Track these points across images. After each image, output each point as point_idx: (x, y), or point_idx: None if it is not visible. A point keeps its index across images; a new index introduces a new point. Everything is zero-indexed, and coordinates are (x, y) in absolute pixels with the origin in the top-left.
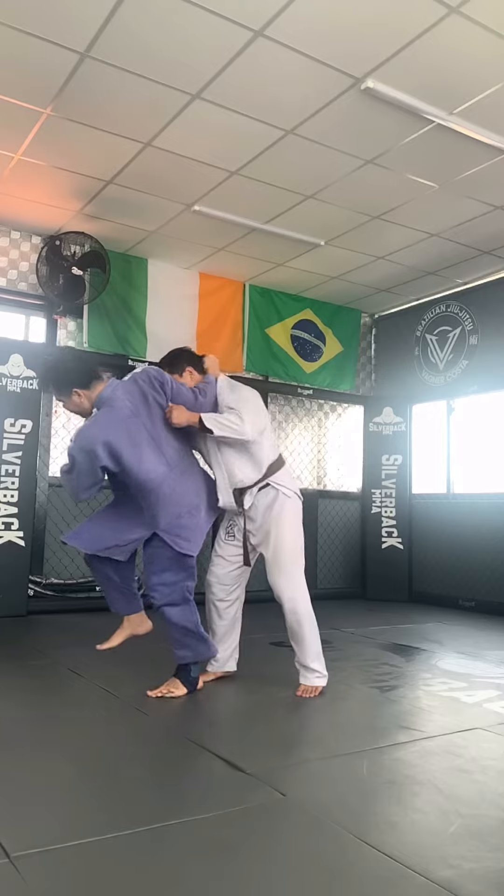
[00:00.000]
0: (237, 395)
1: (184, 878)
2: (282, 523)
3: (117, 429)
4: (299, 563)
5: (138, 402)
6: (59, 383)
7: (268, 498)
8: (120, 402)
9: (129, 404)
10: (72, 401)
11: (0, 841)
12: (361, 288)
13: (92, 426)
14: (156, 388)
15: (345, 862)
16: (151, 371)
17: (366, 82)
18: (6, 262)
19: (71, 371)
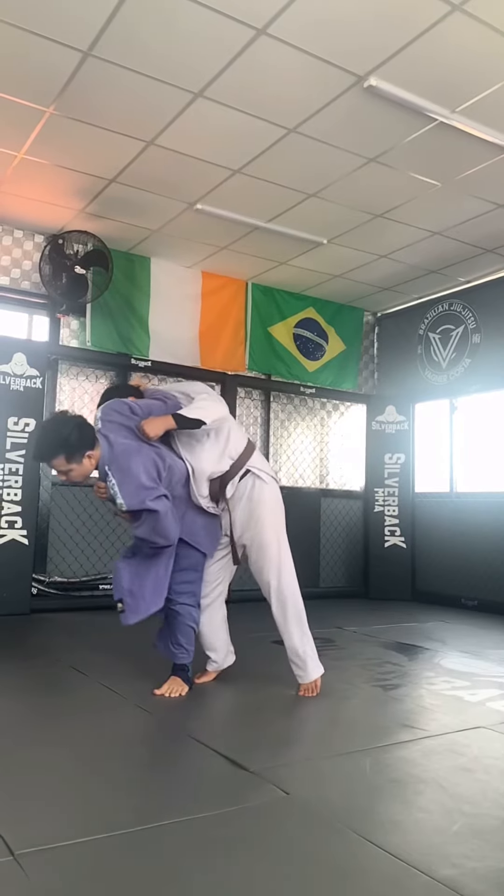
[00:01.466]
0: (185, 386)
1: (187, 876)
2: (263, 508)
3: (149, 460)
4: (284, 546)
5: (130, 434)
6: (72, 451)
7: (247, 485)
8: (124, 442)
9: (130, 440)
10: (83, 465)
11: (4, 838)
12: (364, 286)
13: (134, 477)
14: (128, 416)
15: (348, 860)
16: (113, 405)
17: (368, 80)
18: (9, 261)
19: (79, 436)
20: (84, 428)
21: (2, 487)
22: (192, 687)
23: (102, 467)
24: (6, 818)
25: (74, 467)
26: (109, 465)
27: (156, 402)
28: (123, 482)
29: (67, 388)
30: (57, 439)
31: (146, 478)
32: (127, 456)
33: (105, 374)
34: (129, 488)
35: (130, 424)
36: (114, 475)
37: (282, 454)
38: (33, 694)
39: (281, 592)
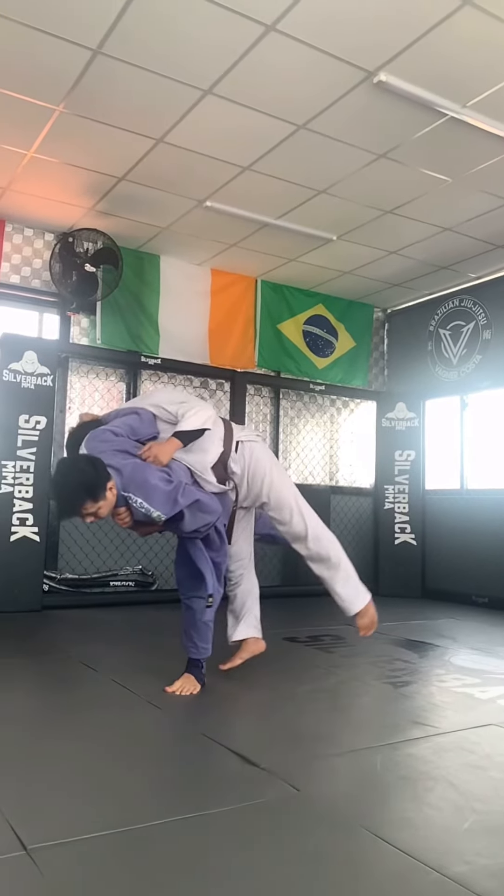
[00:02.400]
0: (148, 398)
1: (198, 872)
2: (263, 465)
3: (156, 469)
4: (298, 494)
5: (126, 455)
6: (94, 489)
7: (244, 453)
8: (128, 462)
9: (131, 459)
10: (108, 499)
11: (17, 833)
12: (374, 283)
13: (156, 487)
14: (115, 440)
15: (359, 857)
16: (95, 437)
17: (378, 76)
18: (20, 260)
19: (95, 472)
20: (95, 462)
21: (13, 485)
22: (204, 685)
23: (119, 494)
24: (19, 813)
25: (102, 504)
26: (127, 489)
27: (131, 417)
28: (150, 496)
29: (78, 386)
30: (77, 485)
31: (165, 483)
32: (139, 472)
33: (115, 371)
34: (158, 498)
35: (122, 448)
36: (136, 494)
37: (291, 451)
38: (45, 690)
39: (319, 536)
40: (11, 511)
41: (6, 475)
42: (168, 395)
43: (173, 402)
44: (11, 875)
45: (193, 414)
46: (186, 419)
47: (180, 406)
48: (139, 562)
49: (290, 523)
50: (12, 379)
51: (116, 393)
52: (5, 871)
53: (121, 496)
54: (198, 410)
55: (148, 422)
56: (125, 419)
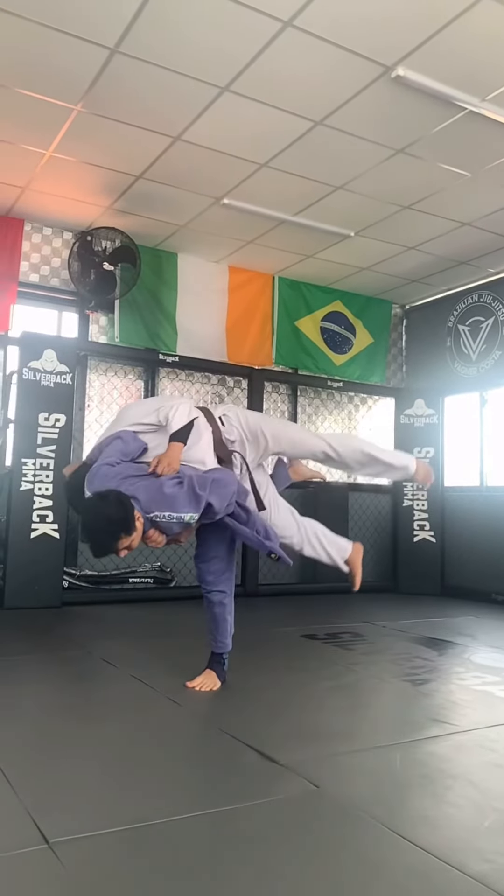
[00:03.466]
0: (123, 419)
1: (218, 867)
2: (252, 420)
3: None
4: (301, 427)
5: (134, 479)
6: (125, 524)
7: (231, 423)
8: (140, 485)
9: (141, 481)
10: (138, 529)
11: (39, 827)
12: (392, 279)
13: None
14: (117, 471)
15: (379, 854)
16: (97, 474)
17: (396, 70)
18: (39, 259)
19: (121, 507)
20: (119, 496)
21: (33, 482)
22: (224, 681)
23: (145, 519)
24: (41, 807)
25: (134, 535)
26: (150, 510)
27: (115, 444)
28: (173, 505)
29: (97, 384)
30: (109, 524)
31: (178, 487)
32: (153, 489)
33: (133, 369)
34: (182, 502)
35: (126, 474)
36: (160, 510)
37: None
38: (65, 686)
39: (353, 446)
40: (32, 508)
41: (26, 473)
42: (139, 408)
43: (149, 413)
44: (34, 868)
45: (176, 412)
46: (174, 419)
47: (158, 412)
48: (158, 559)
49: (314, 449)
50: (32, 377)
51: (135, 391)
52: (28, 863)
53: (146, 520)
54: (178, 407)
55: (132, 440)
56: (111, 448)
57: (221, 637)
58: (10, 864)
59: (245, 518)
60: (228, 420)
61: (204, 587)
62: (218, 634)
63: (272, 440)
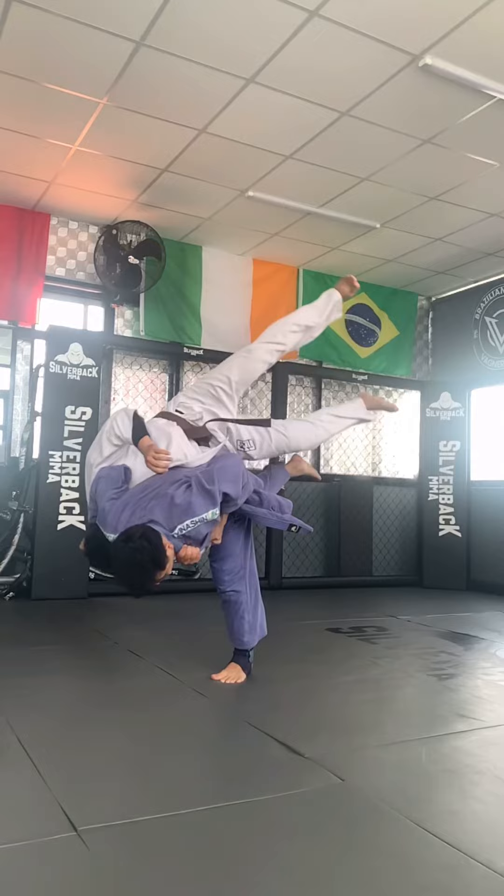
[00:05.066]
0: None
1: (244, 858)
2: (203, 385)
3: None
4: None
5: (147, 501)
6: (158, 557)
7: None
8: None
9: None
10: (169, 557)
11: (68, 815)
12: (418, 270)
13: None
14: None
15: (405, 848)
16: (106, 518)
17: (423, 59)
18: (65, 253)
19: (150, 543)
20: (145, 533)
21: (60, 475)
22: (250, 674)
23: (173, 540)
24: (69, 795)
25: (167, 565)
26: (172, 527)
27: (101, 483)
28: (192, 509)
29: (122, 378)
30: (142, 565)
31: (188, 490)
32: (168, 504)
33: (158, 362)
34: (198, 504)
35: (131, 502)
36: (181, 520)
37: (333, 442)
38: (92, 676)
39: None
40: (59, 500)
41: (53, 465)
42: (93, 449)
43: (101, 445)
44: (63, 854)
45: (117, 423)
46: (121, 429)
47: (108, 437)
48: None
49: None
50: (58, 371)
51: (160, 384)
52: (57, 850)
53: (175, 541)
54: (115, 418)
55: (109, 470)
56: (100, 489)
57: (239, 636)
58: (40, 851)
59: (258, 500)
60: (185, 405)
61: (219, 587)
62: (237, 633)
63: (227, 373)
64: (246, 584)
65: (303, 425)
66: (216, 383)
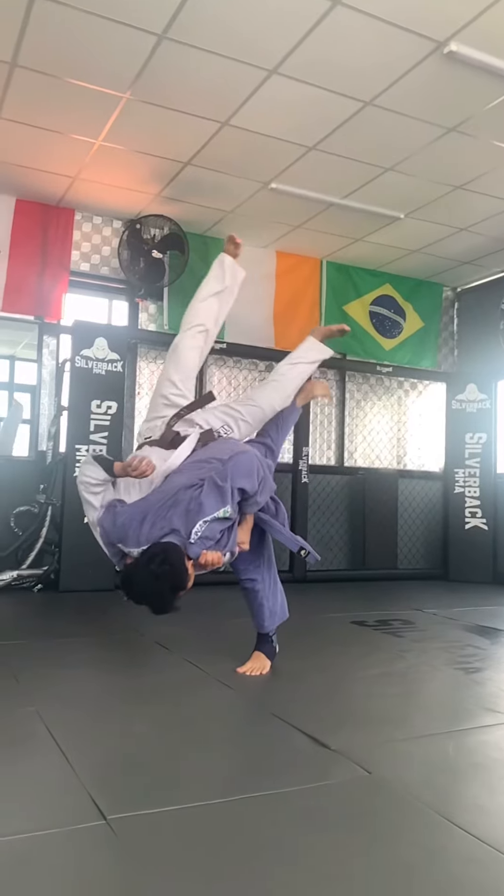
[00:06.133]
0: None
1: (271, 848)
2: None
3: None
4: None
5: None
6: (180, 577)
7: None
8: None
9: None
10: (189, 569)
11: (97, 804)
12: (443, 261)
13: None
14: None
15: (432, 841)
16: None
17: (448, 46)
18: (89, 248)
19: (172, 563)
20: (169, 553)
21: None
22: (276, 656)
23: (191, 548)
24: (98, 785)
25: (188, 584)
26: (189, 533)
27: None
28: (203, 509)
29: (146, 372)
30: (162, 592)
31: (198, 491)
32: (184, 511)
33: None
34: (210, 504)
35: (148, 511)
36: (197, 521)
37: (357, 435)
38: (120, 668)
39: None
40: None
41: (79, 459)
42: (88, 508)
43: (93, 496)
44: (92, 841)
45: (89, 473)
46: (97, 475)
47: (89, 489)
48: None
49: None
50: (84, 365)
51: None
52: (86, 837)
53: (193, 547)
54: (84, 472)
55: (107, 514)
56: (107, 527)
57: (260, 621)
58: (70, 837)
59: (274, 510)
60: (147, 430)
61: (237, 576)
62: (257, 619)
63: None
64: (263, 572)
65: (268, 387)
66: (164, 391)
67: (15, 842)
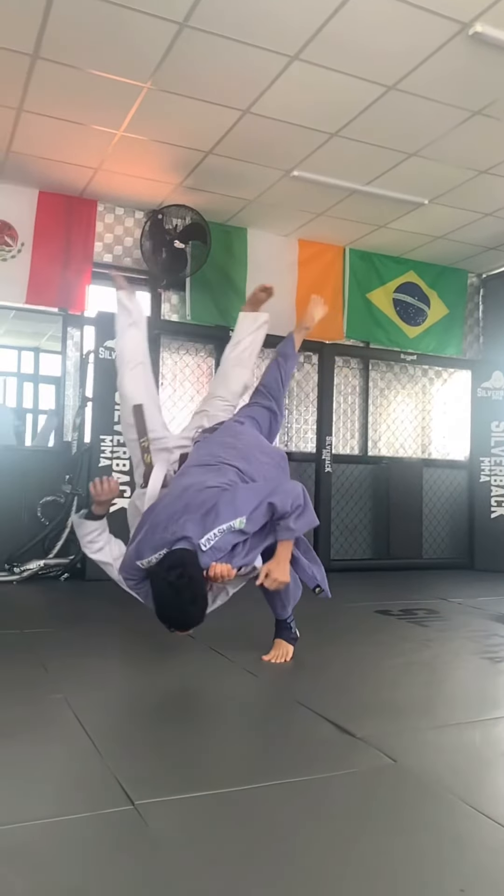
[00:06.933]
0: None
1: (296, 835)
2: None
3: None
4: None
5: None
6: (200, 594)
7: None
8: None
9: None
10: (209, 586)
11: (125, 789)
12: (468, 247)
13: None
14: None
15: (459, 830)
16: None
17: (474, 27)
18: (112, 239)
19: (191, 578)
20: (184, 559)
21: (111, 458)
22: (297, 640)
23: (205, 560)
24: (126, 771)
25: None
26: (202, 545)
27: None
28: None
29: (169, 363)
30: (192, 609)
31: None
32: (205, 515)
33: (204, 346)
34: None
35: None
36: (213, 530)
37: (381, 424)
38: (146, 656)
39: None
40: None
41: (104, 449)
42: (109, 569)
43: (107, 556)
44: (121, 826)
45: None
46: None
47: (90, 546)
48: None
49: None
50: (108, 356)
51: (206, 368)
52: (115, 822)
53: (203, 556)
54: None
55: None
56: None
57: (274, 608)
58: (99, 821)
59: (305, 546)
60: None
61: None
62: (271, 606)
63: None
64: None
65: (229, 375)
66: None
67: (47, 825)
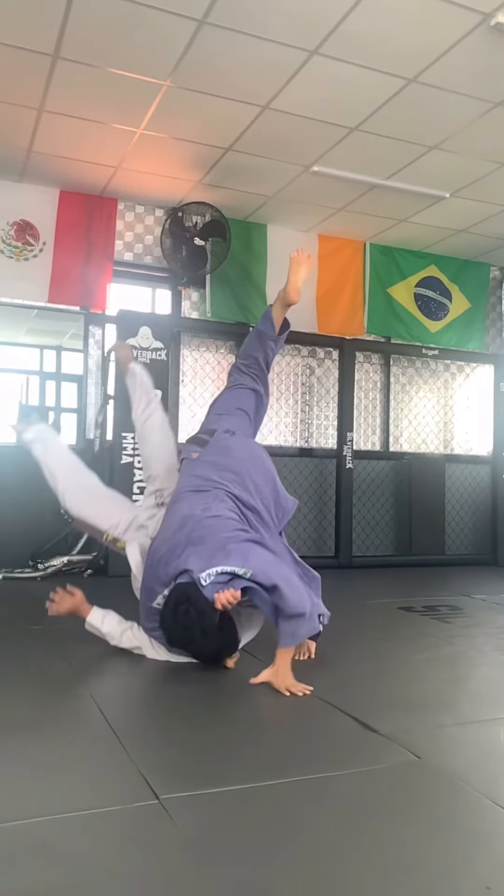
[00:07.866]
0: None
1: (320, 831)
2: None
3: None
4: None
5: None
6: (209, 617)
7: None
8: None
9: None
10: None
11: (151, 784)
12: (490, 240)
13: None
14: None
15: (484, 826)
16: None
17: (496, 17)
18: (132, 237)
19: (200, 610)
20: (189, 594)
21: (133, 455)
22: (320, 634)
23: (208, 593)
24: (150, 766)
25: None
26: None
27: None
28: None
29: (190, 360)
30: (199, 637)
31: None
32: (211, 553)
33: (225, 343)
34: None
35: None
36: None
37: (403, 419)
38: None
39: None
40: (132, 480)
41: (126, 446)
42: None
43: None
44: (146, 820)
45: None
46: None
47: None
48: None
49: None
50: None
51: (226, 365)
52: (141, 816)
53: (205, 592)
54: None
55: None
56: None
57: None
58: (125, 815)
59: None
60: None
61: None
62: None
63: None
64: None
65: (153, 430)
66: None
67: (74, 818)
